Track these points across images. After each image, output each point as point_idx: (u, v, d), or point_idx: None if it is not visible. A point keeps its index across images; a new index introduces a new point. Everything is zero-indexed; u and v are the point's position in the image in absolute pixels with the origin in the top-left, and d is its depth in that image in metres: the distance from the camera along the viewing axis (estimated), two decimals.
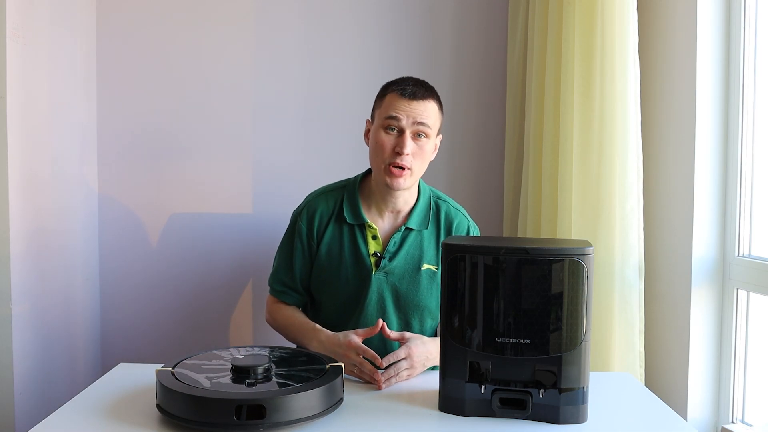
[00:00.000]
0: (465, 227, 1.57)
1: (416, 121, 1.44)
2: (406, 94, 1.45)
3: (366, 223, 1.52)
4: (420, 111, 1.44)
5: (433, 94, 1.49)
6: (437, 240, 1.54)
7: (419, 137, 1.46)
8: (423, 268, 1.51)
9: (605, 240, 1.64)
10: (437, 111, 1.49)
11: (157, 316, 2.22)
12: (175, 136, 2.20)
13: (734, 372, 1.60)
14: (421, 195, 1.56)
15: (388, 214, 1.55)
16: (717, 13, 1.61)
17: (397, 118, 1.44)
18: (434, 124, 1.48)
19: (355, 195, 1.54)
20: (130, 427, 1.10)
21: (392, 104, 1.46)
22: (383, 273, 1.50)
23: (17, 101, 1.66)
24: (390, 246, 1.51)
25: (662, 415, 1.21)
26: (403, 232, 1.52)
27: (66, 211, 1.98)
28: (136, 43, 2.18)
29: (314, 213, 1.55)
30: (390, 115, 1.45)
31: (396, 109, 1.45)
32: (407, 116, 1.44)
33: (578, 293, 1.12)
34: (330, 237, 1.53)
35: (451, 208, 1.58)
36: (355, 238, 1.52)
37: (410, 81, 1.49)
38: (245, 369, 1.16)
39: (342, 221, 1.53)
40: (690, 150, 1.63)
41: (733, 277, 1.60)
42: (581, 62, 1.68)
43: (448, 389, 1.19)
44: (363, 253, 1.51)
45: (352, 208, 1.53)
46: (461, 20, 2.23)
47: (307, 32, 2.21)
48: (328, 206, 1.55)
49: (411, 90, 1.46)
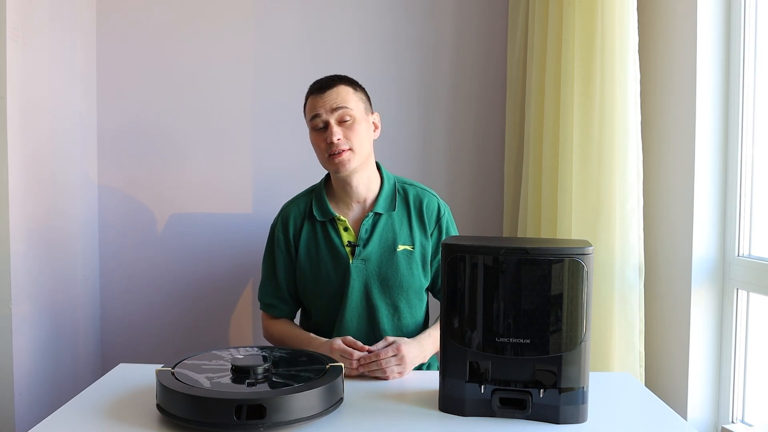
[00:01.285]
0: (435, 205, 1.61)
1: (332, 108, 1.51)
2: (315, 91, 1.54)
3: (335, 217, 1.58)
4: (332, 98, 1.51)
5: (342, 80, 1.56)
6: (409, 220, 1.59)
7: (345, 121, 1.52)
8: (398, 249, 1.56)
9: (605, 240, 1.64)
10: (351, 92, 1.55)
11: (157, 316, 2.22)
12: (175, 137, 2.20)
13: (734, 372, 1.60)
14: (384, 182, 1.61)
15: (355, 205, 1.60)
16: (717, 13, 1.61)
17: (316, 114, 1.53)
18: (354, 104, 1.53)
19: (321, 194, 1.61)
20: (130, 427, 1.10)
21: (309, 106, 1.56)
22: (360, 261, 1.55)
23: (17, 101, 1.66)
24: (362, 233, 1.56)
25: (662, 415, 1.21)
26: (372, 217, 1.57)
27: (66, 211, 1.98)
28: (136, 42, 2.18)
29: (287, 219, 1.63)
30: (311, 116, 1.54)
31: (313, 108, 1.54)
32: (323, 108, 1.52)
33: (578, 293, 1.12)
34: (306, 238, 1.59)
35: (419, 190, 1.63)
36: (328, 233, 1.58)
37: (318, 80, 1.58)
38: (245, 369, 1.16)
39: (314, 220, 1.60)
40: (690, 150, 1.63)
41: (733, 277, 1.60)
42: (581, 62, 1.68)
43: (448, 389, 1.19)
44: (337, 244, 1.56)
45: (320, 206, 1.60)
46: (461, 20, 2.23)
47: (307, 32, 2.21)
48: (299, 210, 1.62)
49: (318, 85, 1.55)
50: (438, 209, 1.61)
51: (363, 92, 1.59)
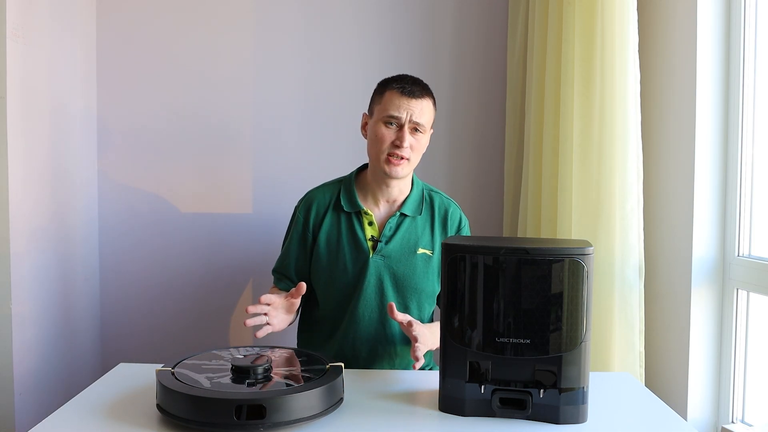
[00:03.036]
0: (458, 216, 1.66)
1: (412, 119, 1.53)
2: (405, 93, 1.54)
3: (362, 210, 1.60)
4: (418, 109, 1.53)
5: (429, 93, 1.58)
6: (432, 226, 1.62)
7: (416, 132, 1.55)
8: (418, 252, 1.59)
9: (605, 240, 1.64)
10: (432, 108, 1.58)
11: (157, 316, 2.22)
12: (175, 137, 2.20)
13: (734, 372, 1.60)
14: (414, 186, 1.65)
15: (384, 203, 1.63)
16: (717, 13, 1.61)
17: (397, 115, 1.53)
18: (428, 121, 1.57)
19: (351, 186, 1.63)
20: (130, 427, 1.10)
21: (392, 101, 1.54)
22: (380, 256, 1.57)
23: (17, 101, 1.66)
24: (386, 230, 1.59)
25: (662, 415, 1.21)
26: (399, 217, 1.60)
27: (66, 211, 1.98)
28: (136, 42, 2.18)
29: (311, 204, 1.64)
30: (390, 112, 1.53)
31: (396, 107, 1.53)
32: (406, 113, 1.53)
33: (578, 293, 1.12)
34: (328, 226, 1.61)
35: (445, 199, 1.68)
36: (352, 224, 1.60)
37: (408, 79, 1.58)
38: (245, 369, 1.16)
39: (340, 210, 1.61)
40: (690, 150, 1.63)
41: (733, 277, 1.60)
42: (581, 62, 1.68)
43: (448, 389, 1.19)
44: (360, 237, 1.58)
45: (348, 197, 1.61)
46: (461, 20, 2.23)
47: (307, 32, 2.21)
48: (325, 197, 1.64)
49: (410, 89, 1.54)
50: (460, 220, 1.65)
51: (436, 108, 1.62)
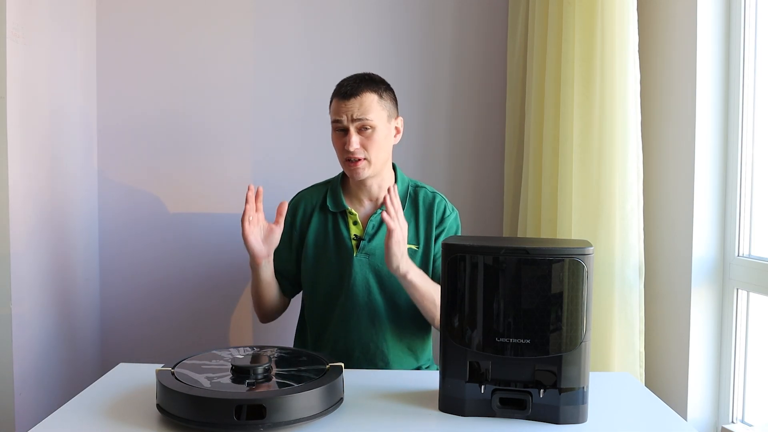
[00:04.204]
0: (443, 206, 1.66)
1: (354, 117, 1.55)
2: (341, 95, 1.57)
3: (347, 210, 1.64)
4: (356, 106, 1.54)
5: (368, 86, 1.57)
6: (416, 220, 1.63)
7: (364, 130, 1.55)
8: None
9: (605, 240, 1.64)
10: (375, 100, 1.56)
11: (157, 316, 2.22)
12: (175, 136, 2.20)
13: (734, 372, 1.60)
14: (398, 182, 1.66)
15: (367, 202, 1.66)
16: (717, 13, 1.61)
17: (338, 119, 1.57)
18: (377, 114, 1.56)
19: (337, 186, 1.67)
20: (130, 427, 1.10)
21: (334, 108, 1.59)
22: (364, 254, 1.59)
23: (17, 101, 1.66)
24: (368, 228, 1.61)
25: (662, 415, 1.21)
26: (380, 214, 1.58)
27: (66, 211, 1.98)
28: (136, 42, 2.18)
29: (298, 204, 1.70)
30: (333, 119, 1.59)
31: (336, 112, 1.58)
32: (346, 115, 1.55)
33: (578, 293, 1.12)
34: (316, 226, 1.66)
35: (429, 192, 1.68)
36: (337, 224, 1.64)
37: (347, 80, 1.59)
38: (245, 369, 1.16)
39: (326, 211, 1.66)
40: (690, 150, 1.63)
41: (733, 277, 1.60)
42: (581, 62, 1.68)
43: (448, 389, 1.19)
44: (344, 236, 1.62)
45: (333, 198, 1.66)
46: (461, 20, 2.23)
47: (307, 32, 2.21)
48: (312, 198, 1.69)
49: (345, 89, 1.57)
50: (444, 210, 1.65)
51: (389, 96, 1.60)
